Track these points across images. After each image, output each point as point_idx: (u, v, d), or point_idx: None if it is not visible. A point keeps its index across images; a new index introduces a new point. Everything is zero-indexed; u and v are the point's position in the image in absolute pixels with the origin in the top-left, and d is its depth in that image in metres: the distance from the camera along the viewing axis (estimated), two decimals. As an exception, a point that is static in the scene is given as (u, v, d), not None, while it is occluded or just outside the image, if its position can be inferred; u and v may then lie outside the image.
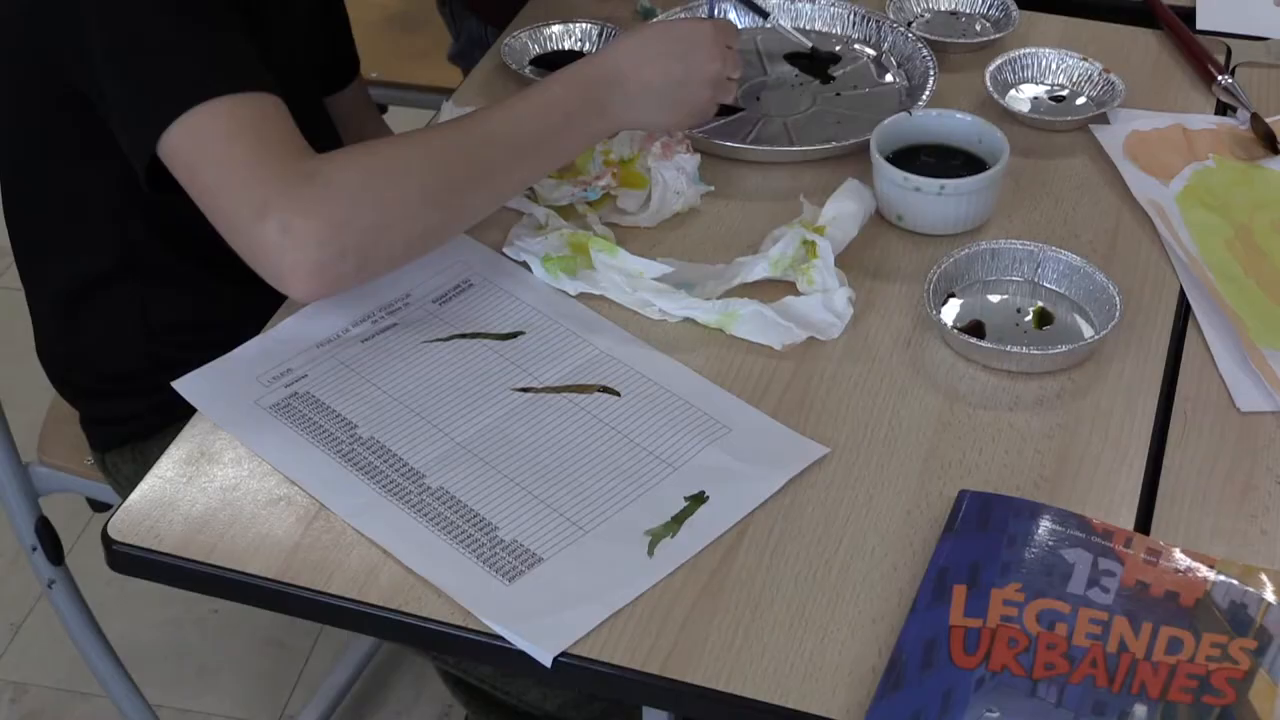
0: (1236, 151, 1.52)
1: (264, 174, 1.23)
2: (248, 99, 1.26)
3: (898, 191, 1.41)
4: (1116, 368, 1.30)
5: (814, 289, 1.34)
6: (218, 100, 1.24)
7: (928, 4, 1.72)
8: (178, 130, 1.24)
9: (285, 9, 1.54)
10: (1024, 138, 1.53)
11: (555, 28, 1.69)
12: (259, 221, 1.21)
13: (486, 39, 1.99)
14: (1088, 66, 1.60)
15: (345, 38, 1.77)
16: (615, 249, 1.37)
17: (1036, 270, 1.36)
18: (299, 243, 1.21)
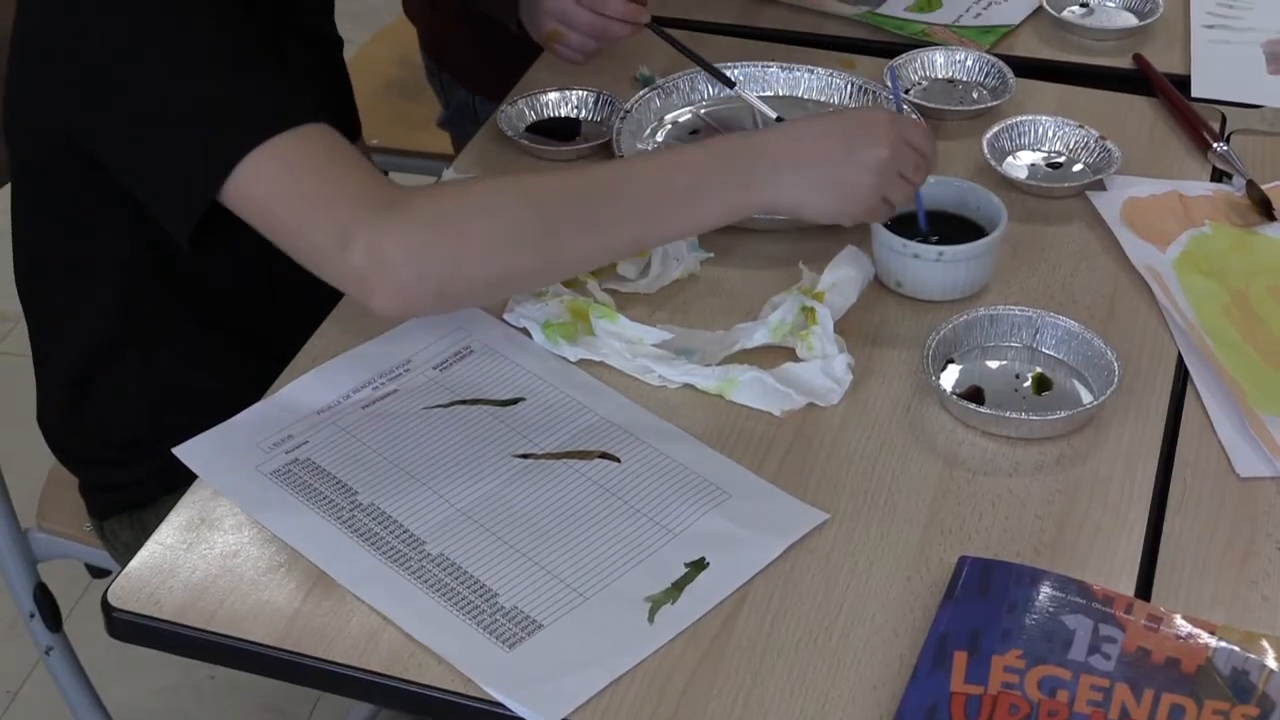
0: (1233, 218, 1.53)
1: (342, 202, 1.23)
2: (306, 132, 1.26)
3: (896, 258, 1.42)
4: (1116, 433, 1.30)
5: (813, 355, 1.35)
6: (277, 139, 1.25)
7: (925, 72, 1.74)
8: (245, 171, 1.24)
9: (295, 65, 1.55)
10: (1021, 204, 1.54)
11: (552, 95, 1.70)
12: (345, 249, 1.22)
13: (474, 108, 2.01)
14: (1084, 133, 1.61)
15: (347, 101, 1.78)
16: (615, 315, 1.38)
17: (1035, 336, 1.36)
18: (383, 262, 1.21)
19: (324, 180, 1.25)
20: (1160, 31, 1.82)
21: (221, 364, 1.53)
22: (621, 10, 1.66)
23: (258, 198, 1.25)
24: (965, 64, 1.74)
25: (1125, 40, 1.80)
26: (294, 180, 1.25)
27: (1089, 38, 1.82)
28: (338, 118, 1.75)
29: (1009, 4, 1.88)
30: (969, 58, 1.74)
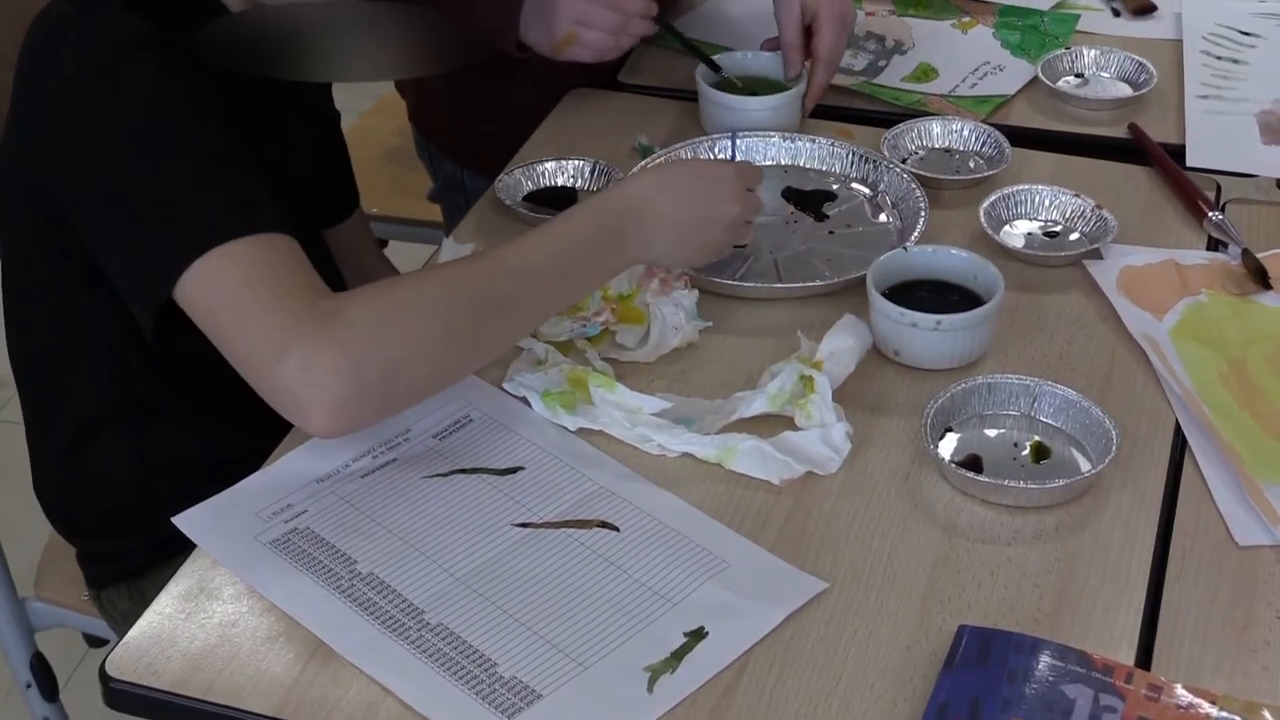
0: (1229, 286, 1.53)
1: (281, 315, 1.23)
2: (261, 240, 1.27)
3: (894, 327, 1.42)
4: (1114, 502, 1.30)
5: (812, 424, 1.35)
6: (232, 244, 1.25)
7: (922, 141, 1.75)
8: (194, 276, 1.25)
9: (287, 145, 1.56)
10: (1019, 273, 1.54)
11: (549, 164, 1.71)
12: (279, 363, 1.21)
13: (463, 181, 2.02)
14: (1080, 203, 1.62)
15: (345, 172, 1.79)
16: (614, 384, 1.38)
17: (1033, 405, 1.37)
18: (320, 380, 1.21)
19: (265, 292, 1.24)
20: (1155, 101, 1.83)
21: (211, 435, 1.53)
22: (640, 6, 1.68)
23: (202, 304, 1.27)
24: (962, 133, 1.75)
25: (1120, 110, 1.82)
26: (236, 290, 1.25)
27: (1084, 108, 1.83)
28: (335, 189, 1.77)
29: (1004, 74, 1.90)
30: (965, 127, 1.75)
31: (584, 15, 1.68)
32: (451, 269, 1.35)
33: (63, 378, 1.52)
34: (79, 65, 1.33)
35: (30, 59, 1.38)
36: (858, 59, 1.93)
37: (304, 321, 1.22)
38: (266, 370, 1.22)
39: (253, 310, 1.24)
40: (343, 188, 1.81)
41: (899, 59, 1.94)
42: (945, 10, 2.04)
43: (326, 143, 1.72)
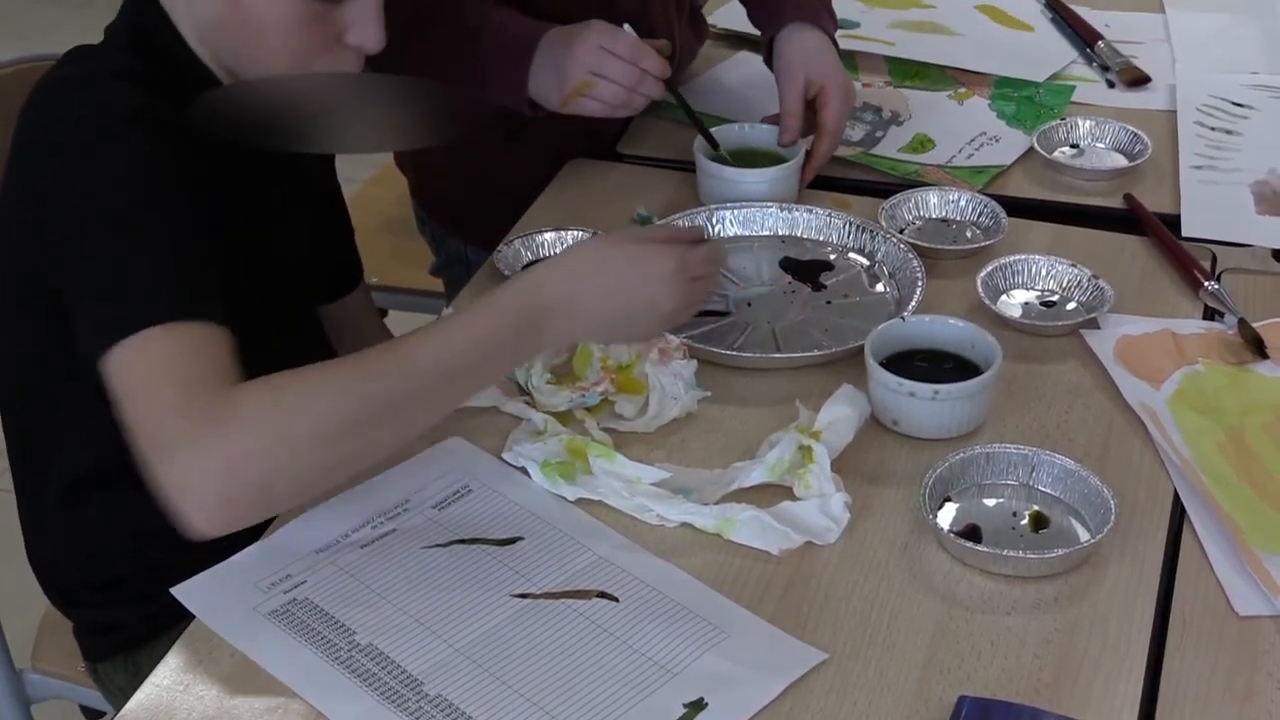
0: (1225, 356, 1.54)
1: (173, 413, 1.22)
2: (181, 330, 1.26)
3: (892, 396, 1.43)
4: (1114, 571, 1.30)
5: (810, 494, 1.35)
6: (153, 329, 1.25)
7: (919, 211, 1.76)
8: (115, 357, 1.26)
9: (285, 218, 1.57)
10: (1016, 342, 1.55)
11: (548, 235, 1.72)
12: (162, 461, 1.21)
13: (465, 255, 2.02)
14: (1077, 272, 1.63)
15: (348, 246, 1.80)
16: (613, 454, 1.38)
17: (1031, 474, 1.37)
18: (196, 483, 1.20)
19: (167, 386, 1.24)
20: (1150, 172, 1.84)
21: None
22: (656, 66, 1.70)
23: (116, 386, 1.26)
24: (959, 204, 1.76)
25: (1115, 180, 1.83)
26: (142, 379, 1.25)
27: (1080, 178, 1.84)
28: (335, 265, 1.77)
29: (1000, 145, 1.91)
30: (962, 198, 1.76)
31: (600, 65, 1.69)
32: (350, 366, 1.29)
33: (51, 443, 1.52)
34: (66, 133, 1.35)
35: (26, 119, 1.40)
36: (855, 130, 1.94)
37: (192, 422, 1.22)
38: (153, 464, 1.22)
39: (150, 403, 1.24)
40: (344, 263, 1.81)
41: (896, 130, 1.96)
42: (941, 82, 2.06)
43: (326, 218, 1.73)
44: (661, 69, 1.70)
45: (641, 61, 1.69)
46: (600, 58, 1.69)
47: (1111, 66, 2.07)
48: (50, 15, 4.42)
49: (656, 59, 1.70)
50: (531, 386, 1.48)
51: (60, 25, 4.32)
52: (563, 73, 1.70)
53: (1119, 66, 2.06)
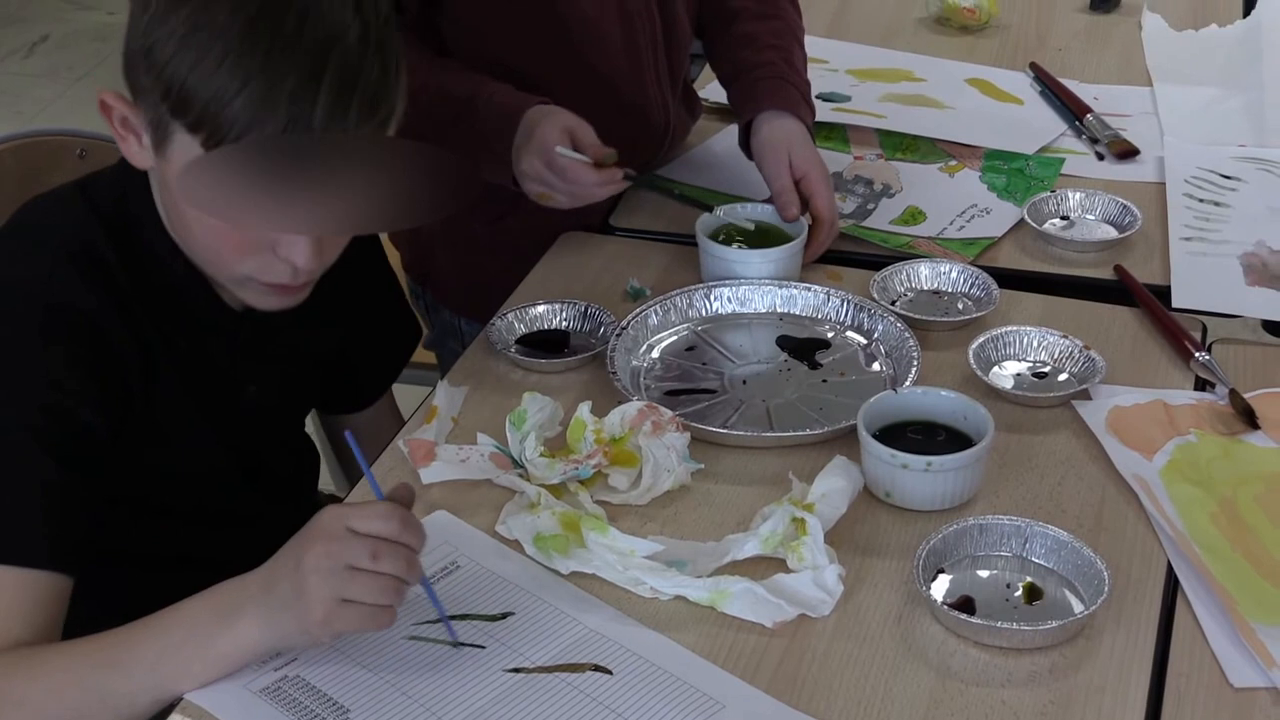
0: (1217, 426, 1.54)
1: None
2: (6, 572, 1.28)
3: (885, 468, 1.43)
4: (1108, 643, 1.30)
5: (804, 566, 1.35)
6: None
7: (910, 283, 1.77)
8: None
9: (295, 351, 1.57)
10: (1008, 414, 1.55)
11: (541, 308, 1.72)
12: None
13: (459, 328, 2.03)
14: (1068, 344, 1.63)
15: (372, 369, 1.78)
16: (606, 528, 1.38)
17: (1025, 546, 1.37)
18: None
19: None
20: (1140, 243, 1.85)
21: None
22: (594, 179, 1.71)
23: None
24: (950, 275, 1.77)
25: (1106, 252, 1.84)
26: None
27: (1070, 249, 1.85)
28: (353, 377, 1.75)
29: (991, 217, 1.92)
30: (953, 269, 1.77)
31: (543, 183, 1.73)
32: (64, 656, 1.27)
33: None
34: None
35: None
36: (846, 202, 1.96)
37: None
38: None
39: None
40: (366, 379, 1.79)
41: (887, 202, 1.97)
42: (932, 154, 2.08)
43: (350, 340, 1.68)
44: (604, 177, 1.72)
45: (576, 184, 1.71)
46: (543, 175, 1.72)
47: (1101, 139, 2.08)
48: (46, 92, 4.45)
49: (591, 174, 1.71)
50: (525, 460, 1.49)
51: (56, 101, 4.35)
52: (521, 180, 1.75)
53: (1108, 139, 2.08)
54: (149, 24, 1.29)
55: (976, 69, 2.31)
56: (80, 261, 1.38)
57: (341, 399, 1.78)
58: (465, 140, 1.74)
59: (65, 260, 1.38)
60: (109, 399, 1.37)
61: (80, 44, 4.73)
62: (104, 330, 1.37)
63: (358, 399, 1.79)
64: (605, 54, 1.85)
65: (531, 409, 1.54)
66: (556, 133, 1.71)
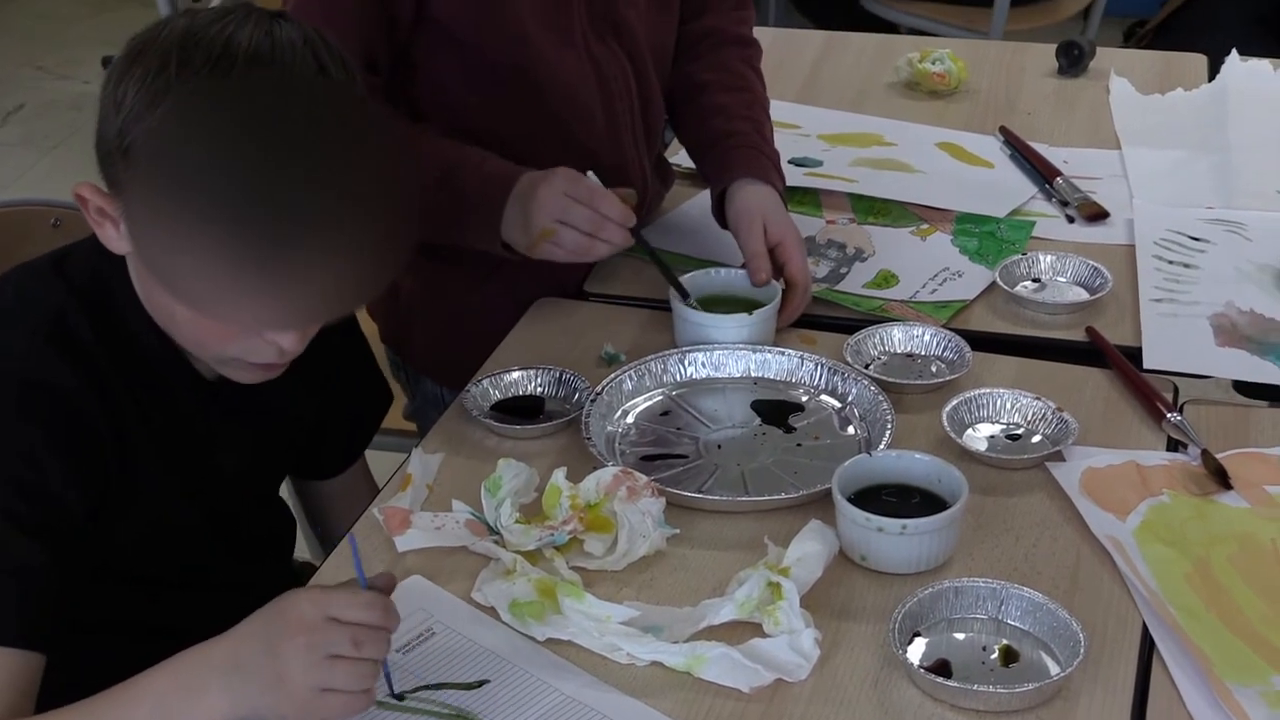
0: (1190, 487, 1.55)
1: None
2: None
3: (860, 532, 1.43)
4: (1085, 704, 1.29)
5: (780, 630, 1.35)
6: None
7: (884, 346, 1.78)
8: None
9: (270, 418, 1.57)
10: (982, 476, 1.56)
11: (515, 374, 1.73)
12: None
13: (443, 398, 2.01)
14: (1041, 405, 1.64)
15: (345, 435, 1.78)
16: (582, 594, 1.38)
17: (1000, 608, 1.37)
18: None
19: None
20: (1111, 305, 1.87)
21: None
22: (619, 213, 1.71)
23: None
24: (923, 339, 1.78)
25: (1077, 314, 1.85)
26: None
27: (1042, 312, 1.86)
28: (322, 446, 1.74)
29: (963, 280, 1.93)
30: (926, 332, 1.78)
31: (563, 212, 1.72)
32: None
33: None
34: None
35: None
36: (820, 266, 1.97)
37: None
38: None
39: None
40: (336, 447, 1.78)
41: (860, 266, 1.98)
42: (904, 218, 2.09)
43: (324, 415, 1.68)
44: (624, 215, 1.73)
45: (603, 208, 1.72)
46: (564, 204, 1.71)
47: (1071, 202, 2.10)
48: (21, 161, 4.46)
49: (619, 205, 1.72)
50: (500, 526, 1.48)
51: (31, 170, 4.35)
52: (528, 220, 1.73)
53: (1078, 202, 2.09)
54: (125, 123, 1.27)
55: (947, 133, 2.33)
56: (55, 338, 1.38)
57: (315, 465, 1.77)
58: (449, 204, 1.75)
59: (41, 337, 1.37)
60: (85, 476, 1.37)
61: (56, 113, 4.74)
62: (80, 407, 1.37)
63: (331, 465, 1.79)
64: (584, 121, 1.86)
65: (507, 475, 1.54)
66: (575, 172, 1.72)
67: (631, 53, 1.90)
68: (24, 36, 5.27)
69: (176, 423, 1.47)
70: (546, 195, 1.72)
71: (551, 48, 1.82)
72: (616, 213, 1.72)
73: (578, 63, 1.85)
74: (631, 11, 1.89)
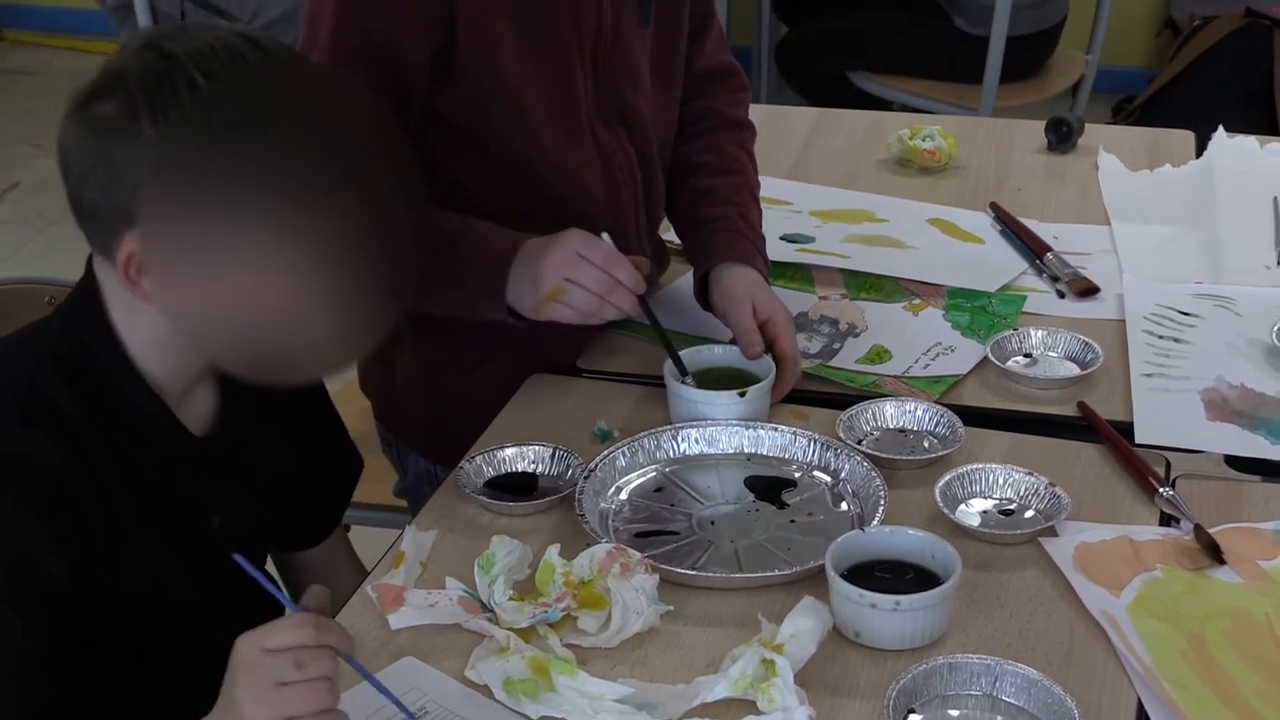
0: (1183, 562, 1.55)
1: None
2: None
3: (854, 608, 1.43)
4: (1080, 782, 1.29)
5: (774, 707, 1.34)
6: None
7: (876, 422, 1.78)
8: None
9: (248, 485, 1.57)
10: (976, 551, 1.56)
11: (509, 450, 1.73)
12: None
13: (436, 475, 2.00)
14: (1034, 480, 1.64)
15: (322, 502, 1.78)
16: (575, 671, 1.38)
17: (994, 684, 1.37)
18: None
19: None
20: (1102, 380, 1.87)
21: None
22: (631, 279, 1.72)
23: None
24: (915, 414, 1.78)
25: (1069, 389, 1.86)
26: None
27: (1034, 387, 1.87)
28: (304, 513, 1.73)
29: (956, 355, 1.94)
30: (919, 408, 1.78)
31: (575, 272, 1.72)
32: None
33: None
34: None
35: None
36: (813, 342, 1.97)
37: None
38: None
39: None
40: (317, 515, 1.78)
41: (853, 341, 1.99)
42: (896, 294, 2.10)
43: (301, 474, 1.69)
44: (636, 282, 1.73)
45: (615, 271, 1.72)
46: (576, 264, 1.72)
47: (1061, 277, 2.11)
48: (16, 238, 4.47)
49: (631, 270, 1.73)
50: (494, 603, 1.48)
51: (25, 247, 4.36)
52: (538, 277, 1.73)
53: (1068, 277, 2.11)
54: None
55: (938, 209, 2.35)
56: (31, 410, 1.38)
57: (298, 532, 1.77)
58: (454, 272, 1.75)
59: (13, 413, 1.37)
60: (69, 546, 1.37)
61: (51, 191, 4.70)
62: (59, 475, 1.37)
63: (313, 532, 1.78)
64: (588, 208, 1.86)
65: (500, 552, 1.54)
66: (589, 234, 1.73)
67: (637, 139, 1.92)
68: (20, 115, 5.29)
69: (166, 481, 1.46)
70: (559, 252, 1.72)
71: (558, 138, 1.83)
72: (629, 278, 1.73)
73: (584, 152, 1.86)
74: (640, 99, 1.91)
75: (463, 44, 1.74)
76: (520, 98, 1.79)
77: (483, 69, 1.76)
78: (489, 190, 1.84)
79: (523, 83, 1.78)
